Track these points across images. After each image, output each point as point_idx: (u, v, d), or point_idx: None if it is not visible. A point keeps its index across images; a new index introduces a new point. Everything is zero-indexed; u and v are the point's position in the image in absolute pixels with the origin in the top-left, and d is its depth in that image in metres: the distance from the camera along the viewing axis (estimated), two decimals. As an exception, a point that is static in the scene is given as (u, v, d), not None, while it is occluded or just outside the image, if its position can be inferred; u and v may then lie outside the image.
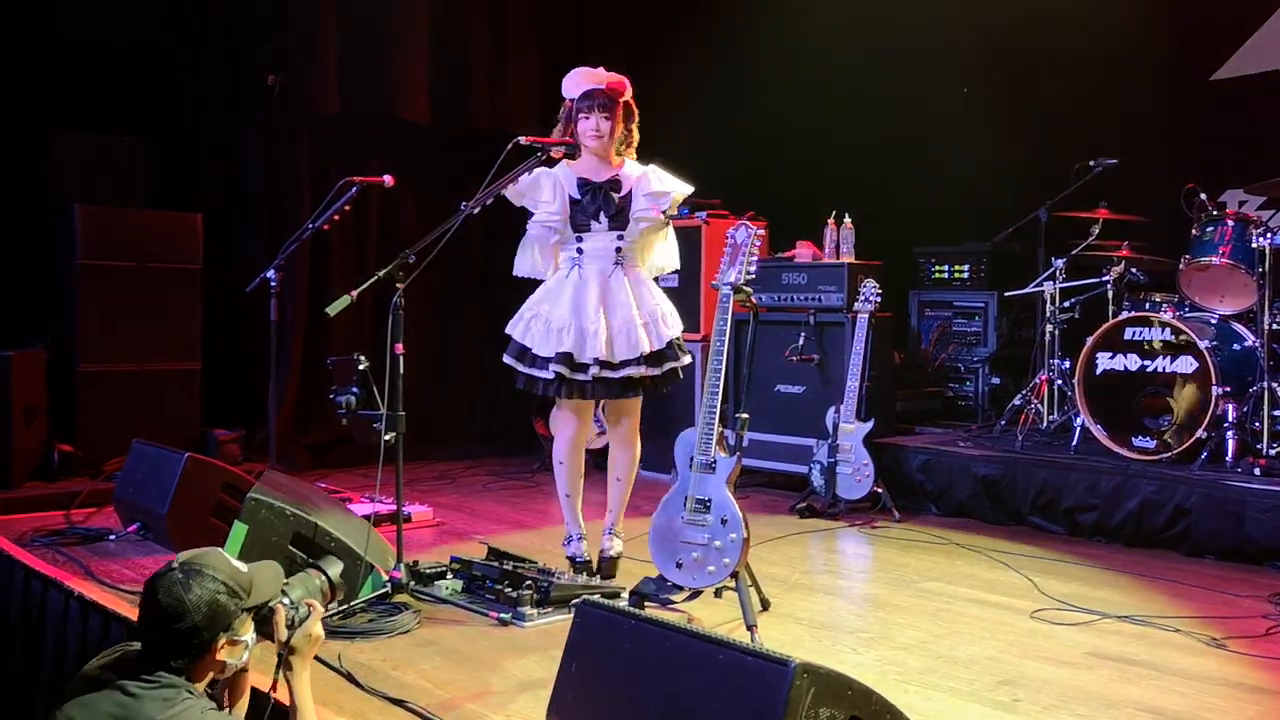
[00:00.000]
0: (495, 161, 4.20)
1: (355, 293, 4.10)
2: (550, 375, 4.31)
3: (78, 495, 5.68)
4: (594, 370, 4.29)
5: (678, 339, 4.46)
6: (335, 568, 3.07)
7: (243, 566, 2.66)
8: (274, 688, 2.76)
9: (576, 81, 4.45)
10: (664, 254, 4.61)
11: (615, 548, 4.60)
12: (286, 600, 2.78)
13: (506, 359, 4.45)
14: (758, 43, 8.81)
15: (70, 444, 6.26)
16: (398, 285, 4.06)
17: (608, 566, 4.54)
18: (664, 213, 4.44)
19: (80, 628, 3.92)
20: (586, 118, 4.38)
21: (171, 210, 6.83)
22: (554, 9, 8.65)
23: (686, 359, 4.50)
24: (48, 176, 6.80)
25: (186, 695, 2.49)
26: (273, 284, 5.07)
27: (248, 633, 2.64)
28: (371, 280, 4.14)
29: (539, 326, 4.36)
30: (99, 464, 6.17)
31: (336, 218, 5.01)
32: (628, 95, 4.45)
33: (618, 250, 4.42)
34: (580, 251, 4.42)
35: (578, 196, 4.42)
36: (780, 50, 8.77)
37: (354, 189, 4.95)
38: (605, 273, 4.40)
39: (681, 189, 4.46)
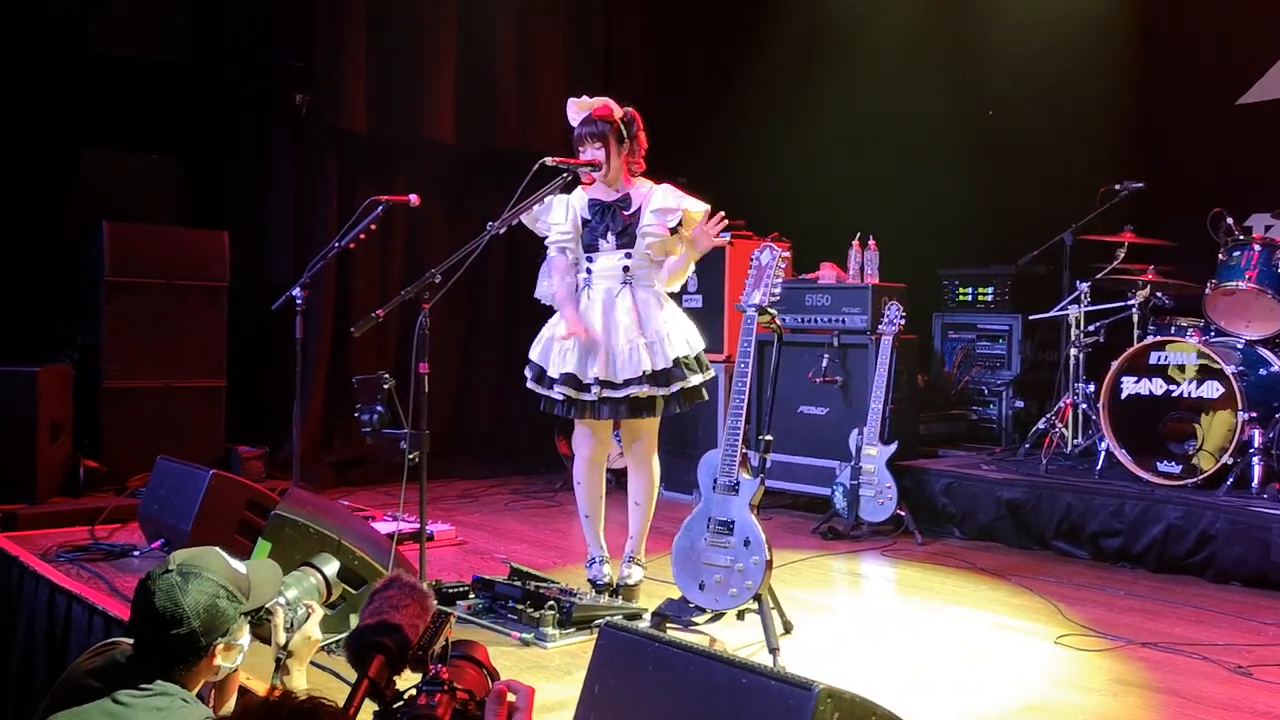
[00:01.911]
0: (521, 181, 4.22)
1: (381, 312, 4.10)
2: (559, 396, 4.35)
3: (102, 511, 5.70)
4: (596, 390, 4.29)
5: (687, 357, 4.33)
6: (331, 565, 2.94)
7: (241, 567, 2.53)
8: (271, 693, 2.67)
9: (573, 114, 4.50)
10: (671, 272, 4.43)
11: (635, 576, 4.53)
12: (283, 601, 2.68)
13: (528, 381, 4.51)
14: (781, 64, 8.84)
15: (95, 460, 6.30)
16: (423, 305, 4.07)
17: (627, 593, 4.48)
18: (673, 229, 4.34)
19: (104, 644, 3.94)
20: (583, 149, 4.41)
21: (200, 228, 6.90)
22: (580, 31, 8.71)
23: (698, 377, 4.34)
24: (78, 194, 6.88)
25: (181, 703, 2.36)
26: (298, 302, 5.09)
27: (244, 635, 2.52)
28: (397, 299, 4.16)
29: (553, 348, 4.41)
30: (124, 480, 6.21)
31: (363, 236, 5.02)
32: (615, 116, 4.42)
33: (625, 269, 4.39)
34: (589, 272, 4.44)
35: (588, 217, 4.45)
36: (804, 71, 8.80)
37: (380, 208, 4.96)
38: (612, 292, 4.38)
39: (694, 206, 4.36)
